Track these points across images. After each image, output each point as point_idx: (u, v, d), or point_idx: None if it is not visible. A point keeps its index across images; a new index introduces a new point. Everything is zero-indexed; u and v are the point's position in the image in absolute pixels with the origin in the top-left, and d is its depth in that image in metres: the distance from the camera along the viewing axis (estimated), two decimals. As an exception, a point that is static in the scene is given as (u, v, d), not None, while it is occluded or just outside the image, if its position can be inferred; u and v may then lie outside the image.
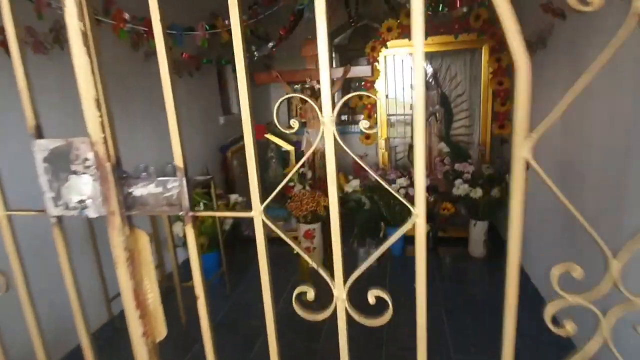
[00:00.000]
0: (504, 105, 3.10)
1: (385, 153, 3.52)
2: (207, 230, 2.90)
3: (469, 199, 3.00)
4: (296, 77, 3.41)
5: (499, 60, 3.00)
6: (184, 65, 3.18)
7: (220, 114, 3.94)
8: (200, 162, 3.51)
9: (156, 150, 2.92)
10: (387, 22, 3.13)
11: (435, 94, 3.58)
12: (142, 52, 2.73)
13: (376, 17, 4.61)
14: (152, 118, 2.89)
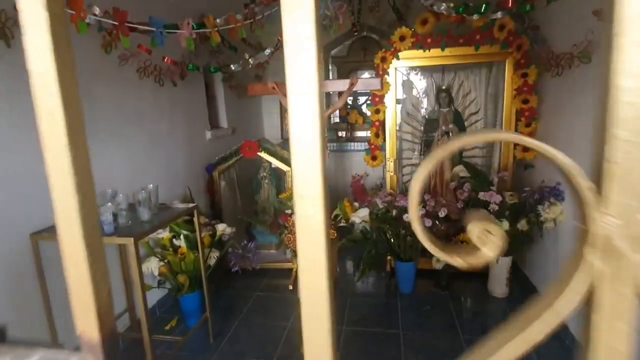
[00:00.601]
0: (529, 126, 2.76)
1: (394, 176, 3.13)
2: (188, 267, 2.43)
3: (492, 231, 2.62)
4: (295, 89, 3.01)
5: (524, 76, 2.68)
6: (166, 72, 2.75)
7: (208, 128, 3.50)
8: (181, 184, 3.05)
9: (126, 172, 2.46)
10: (400, 30, 2.78)
11: (448, 111, 3.23)
12: (116, 55, 2.30)
13: (377, 28, 4.30)
14: (123, 135, 2.43)
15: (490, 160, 3.08)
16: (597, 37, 1.94)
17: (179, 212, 2.17)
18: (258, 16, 2.24)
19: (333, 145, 4.65)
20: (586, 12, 1.95)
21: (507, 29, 2.61)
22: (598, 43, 1.95)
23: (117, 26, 1.63)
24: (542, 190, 2.46)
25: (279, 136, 4.96)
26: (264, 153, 3.12)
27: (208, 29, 2.00)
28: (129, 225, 1.94)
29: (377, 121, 3.04)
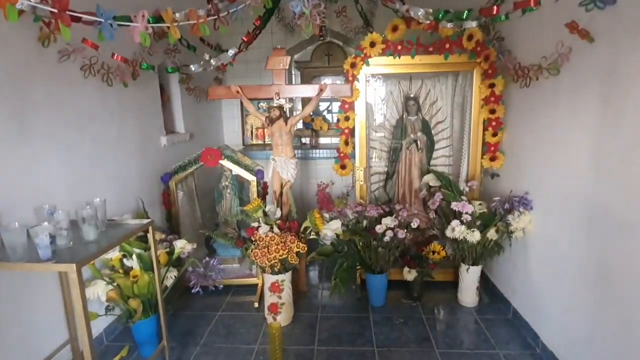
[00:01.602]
0: (496, 136, 2.79)
1: (363, 185, 3.04)
2: (141, 290, 2.16)
3: (463, 241, 2.60)
4: (261, 94, 2.84)
5: (492, 86, 2.70)
6: (116, 71, 2.46)
7: (163, 134, 3.21)
8: (133, 195, 2.74)
9: (68, 184, 2.15)
10: (371, 36, 2.70)
11: (416, 119, 3.21)
12: (55, 49, 2.00)
13: (342, 34, 4.24)
14: (63, 141, 2.12)
15: (459, 170, 3.08)
16: (566, 50, 1.97)
17: (132, 230, 1.91)
18: (222, 13, 2.04)
19: (297, 152, 4.50)
20: (556, 24, 1.97)
21: (476, 39, 2.62)
22: (567, 56, 1.97)
23: (57, 14, 1.38)
24: (511, 199, 2.47)
25: (240, 142, 4.73)
26: (226, 161, 2.90)
27: (166, 23, 1.78)
28: (70, 248, 1.66)
29: (346, 129, 2.93)
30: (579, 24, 1.81)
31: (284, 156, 2.80)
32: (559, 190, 2.14)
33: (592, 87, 1.82)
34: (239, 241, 2.58)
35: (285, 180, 2.86)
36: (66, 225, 1.70)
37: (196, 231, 3.27)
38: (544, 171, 2.29)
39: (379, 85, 3.26)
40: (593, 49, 1.80)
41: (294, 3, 1.41)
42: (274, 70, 2.75)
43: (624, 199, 1.65)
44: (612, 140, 1.71)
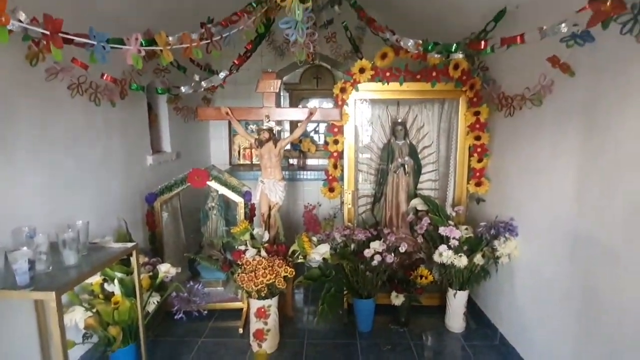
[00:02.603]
0: (481, 162, 2.86)
1: (351, 209, 3.04)
2: (122, 317, 2.07)
3: (451, 266, 2.61)
4: (251, 116, 2.85)
5: (477, 114, 2.78)
6: (104, 90, 2.43)
7: (149, 153, 3.16)
8: (115, 216, 2.67)
9: (49, 205, 2.07)
10: (361, 63, 2.77)
11: (404, 143, 3.26)
12: (43, 67, 1.97)
13: (331, 59, 4.32)
14: (47, 161, 2.06)
15: (445, 195, 3.12)
16: (549, 82, 2.05)
17: (115, 254, 1.85)
18: (215, 37, 2.06)
19: (285, 173, 4.49)
20: (538, 57, 2.05)
21: (461, 69, 2.71)
22: (550, 88, 2.05)
23: (49, 36, 1.36)
24: (497, 225, 2.51)
25: (227, 162, 4.69)
26: (213, 182, 2.87)
27: (159, 46, 1.78)
28: (49, 273, 1.59)
29: (335, 152, 2.95)
30: (560, 58, 1.89)
31: (272, 178, 2.79)
32: (544, 217, 2.19)
33: (574, 119, 1.90)
34: (225, 265, 2.53)
35: (274, 202, 2.84)
36: (46, 249, 1.63)
37: (180, 253, 3.19)
38: (528, 198, 2.35)
39: (367, 108, 3.31)
40: (574, 83, 1.89)
41: (289, 31, 1.43)
42: (264, 93, 2.77)
43: (606, 227, 1.69)
44: (594, 170, 1.76)
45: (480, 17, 2.58)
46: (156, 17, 2.83)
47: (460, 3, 2.70)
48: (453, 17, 2.90)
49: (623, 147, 1.59)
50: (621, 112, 1.60)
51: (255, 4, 2.28)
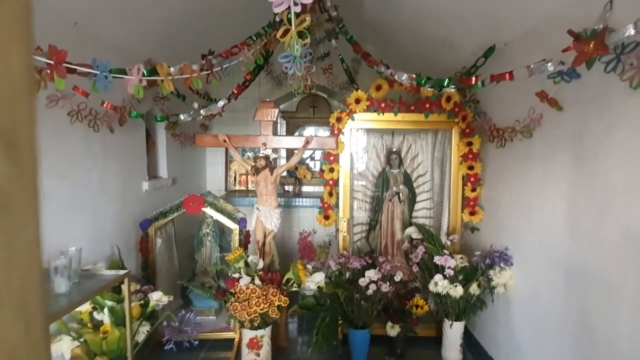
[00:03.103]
0: (474, 191, 2.89)
1: (346, 236, 3.03)
2: (110, 347, 2.01)
3: (446, 296, 2.59)
4: (248, 143, 2.89)
5: (470, 144, 2.84)
6: (103, 117, 2.46)
7: (145, 179, 3.16)
8: (109, 242, 2.64)
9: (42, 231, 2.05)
10: (356, 94, 2.85)
11: (399, 172, 3.30)
12: (44, 94, 2.00)
13: (328, 89, 4.43)
14: (42, 187, 2.06)
15: (440, 223, 3.14)
16: (537, 116, 2.12)
17: (107, 281, 1.82)
18: (216, 68, 2.13)
19: (280, 200, 4.51)
20: (527, 91, 2.13)
21: (453, 101, 2.79)
22: (539, 121, 2.12)
23: (53, 66, 1.40)
24: (492, 254, 2.51)
25: (223, 188, 4.70)
26: (209, 209, 2.87)
27: (160, 76, 1.83)
28: (38, 301, 1.56)
29: (331, 180, 2.98)
30: (548, 93, 1.96)
31: (268, 206, 2.80)
32: (538, 247, 2.20)
33: (564, 151, 1.95)
34: (219, 294, 2.49)
35: (269, 229, 2.83)
36: (36, 276, 1.60)
37: (173, 280, 3.13)
38: (522, 227, 2.37)
39: (362, 136, 3.37)
40: (563, 116, 1.95)
41: (288, 65, 1.49)
42: (262, 121, 2.82)
43: (599, 258, 1.71)
44: (585, 201, 1.80)
45: (471, 53, 2.69)
46: (158, 46, 2.92)
47: (452, 39, 2.82)
48: (445, 52, 3.02)
49: (611, 179, 1.63)
50: (608, 146, 1.65)
51: (255, 37, 2.36)
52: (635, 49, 1.41)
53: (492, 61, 2.57)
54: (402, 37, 3.35)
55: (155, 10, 2.54)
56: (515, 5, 2.12)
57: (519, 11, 2.14)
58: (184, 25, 2.89)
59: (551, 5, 1.93)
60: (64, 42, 1.80)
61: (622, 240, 1.58)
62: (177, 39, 3.01)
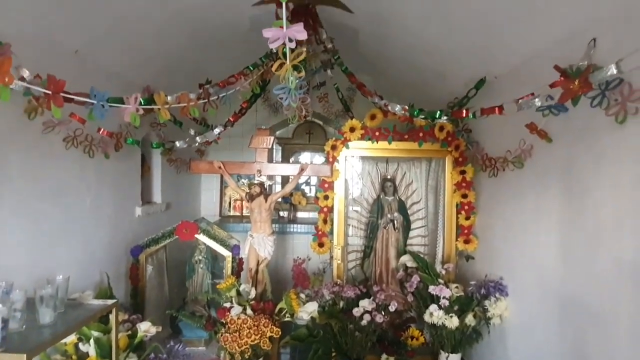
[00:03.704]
0: (469, 219, 2.90)
1: (341, 264, 3.01)
2: (94, 381, 1.94)
3: (442, 327, 2.54)
4: (243, 170, 2.91)
5: (463, 173, 2.87)
6: (99, 143, 2.47)
7: (138, 204, 3.14)
8: (98, 268, 2.59)
9: (30, 258, 2.01)
10: (351, 122, 2.89)
11: (393, 199, 3.31)
12: (40, 120, 2.02)
13: (323, 116, 4.49)
14: (33, 212, 2.04)
15: (434, 251, 3.13)
16: (528, 147, 2.16)
17: (94, 312, 1.78)
18: (213, 97, 2.16)
19: (275, 226, 4.47)
20: (517, 122, 2.17)
21: (446, 130, 2.84)
22: (530, 152, 2.16)
23: (51, 95, 1.42)
24: (487, 284, 2.49)
25: (217, 213, 4.68)
26: (202, 235, 2.84)
27: (157, 105, 1.86)
28: (22, 333, 1.51)
29: (325, 207, 2.98)
30: (537, 125, 2.01)
31: (262, 233, 2.78)
32: (532, 277, 2.19)
33: (554, 182, 1.97)
34: (209, 324, 2.43)
35: (262, 257, 2.80)
36: (21, 305, 1.56)
37: (162, 308, 3.06)
38: (516, 257, 2.36)
39: (357, 162, 3.39)
40: (552, 147, 1.99)
41: (282, 96, 1.52)
42: (258, 148, 2.85)
43: (592, 289, 1.70)
44: (576, 232, 1.81)
45: (463, 84, 2.76)
46: (156, 73, 2.97)
47: (444, 71, 2.90)
48: (438, 82, 3.10)
49: (602, 211, 1.65)
50: (597, 178, 1.68)
51: (252, 67, 2.42)
52: (619, 85, 1.45)
53: (483, 92, 2.63)
54: (396, 68, 3.44)
55: (155, 39, 2.60)
56: (503, 42, 2.20)
57: (506, 47, 2.22)
58: (183, 54, 2.96)
59: (538, 42, 2.01)
60: (64, 70, 1.83)
61: (615, 272, 1.58)
62: (175, 66, 3.07)
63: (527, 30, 2.00)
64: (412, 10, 2.36)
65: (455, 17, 2.21)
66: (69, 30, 2.10)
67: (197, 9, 2.41)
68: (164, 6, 2.26)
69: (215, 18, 2.60)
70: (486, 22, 2.10)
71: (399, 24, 2.58)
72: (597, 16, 1.61)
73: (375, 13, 2.55)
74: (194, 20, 2.53)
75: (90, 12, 2.07)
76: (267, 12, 2.40)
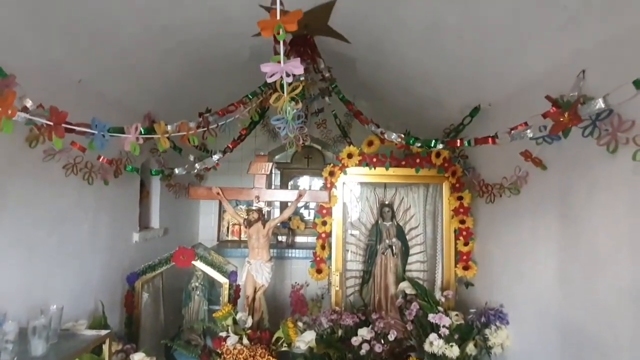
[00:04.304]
0: (467, 245, 2.89)
1: (339, 291, 2.97)
2: (85, 415, 1.88)
3: (442, 357, 2.49)
4: (241, 196, 2.91)
5: (460, 199, 2.88)
6: (98, 170, 2.49)
7: (136, 230, 3.13)
8: (93, 296, 2.55)
9: (24, 287, 1.99)
10: (349, 149, 2.93)
11: (391, 225, 3.30)
12: (40, 148, 2.04)
13: (322, 141, 4.54)
14: (29, 240, 2.03)
15: (434, 277, 3.10)
16: (524, 174, 2.18)
17: (87, 342, 1.75)
18: (212, 125, 2.20)
19: (273, 251, 4.44)
20: (513, 150, 2.20)
21: (443, 157, 2.87)
22: (525, 179, 2.18)
23: (52, 127, 1.45)
24: (487, 312, 2.45)
25: (215, 238, 4.65)
26: (199, 262, 2.82)
27: (157, 134, 1.88)
28: (13, 366, 1.48)
29: (323, 233, 2.97)
30: (532, 152, 2.04)
31: (259, 259, 2.76)
32: (532, 305, 2.16)
33: (550, 209, 1.98)
34: (204, 354, 2.38)
35: (260, 284, 2.77)
36: (13, 336, 1.54)
37: (157, 336, 2.99)
38: (515, 284, 2.34)
39: (355, 188, 3.40)
40: (547, 175, 2.01)
41: (280, 126, 1.55)
42: (256, 174, 2.86)
43: (591, 316, 1.68)
44: (573, 260, 1.80)
45: (458, 111, 2.82)
46: (157, 100, 3.03)
47: (439, 98, 2.96)
48: (433, 109, 3.16)
49: (598, 238, 1.65)
50: (591, 206, 1.69)
51: (252, 95, 2.47)
52: (609, 116, 1.49)
53: (478, 119, 2.68)
54: (393, 94, 3.51)
55: (157, 69, 2.66)
56: (495, 72, 2.26)
57: (498, 77, 2.28)
58: (184, 82, 3.02)
59: (529, 73, 2.07)
60: (67, 98, 1.88)
61: (612, 298, 1.57)
62: (176, 94, 3.13)
63: (518, 61, 2.06)
64: (406, 41, 2.44)
65: (447, 47, 2.28)
66: (73, 62, 2.16)
67: (199, 40, 2.48)
68: (168, 38, 2.33)
69: (217, 48, 2.68)
70: (477, 53, 2.17)
71: (394, 53, 2.65)
72: (585, 48, 1.67)
73: (371, 43, 2.63)
74: (197, 50, 2.60)
75: (95, 44, 2.13)
76: (267, 42, 2.46)
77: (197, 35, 2.41)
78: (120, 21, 2.05)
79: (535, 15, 1.72)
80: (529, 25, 1.79)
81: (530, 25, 1.78)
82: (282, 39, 1.07)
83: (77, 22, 1.92)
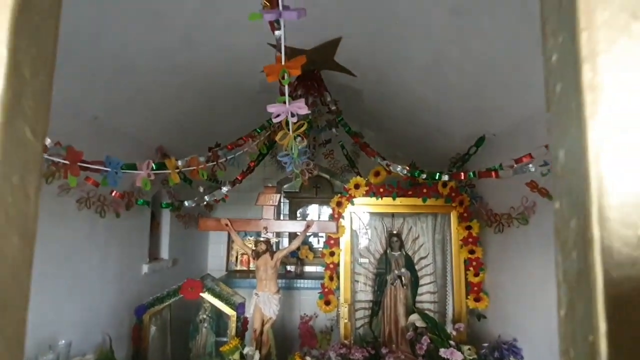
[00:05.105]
0: (477, 276, 2.84)
1: (348, 323, 2.92)
2: None
3: (455, 394, 2.40)
4: (249, 227, 2.94)
5: (468, 228, 2.86)
6: (111, 203, 2.55)
7: (145, 262, 3.16)
8: (100, 329, 2.55)
9: (33, 323, 2.00)
10: (356, 179, 2.96)
11: (400, 255, 3.27)
12: (56, 184, 2.11)
13: (330, 170, 4.59)
14: (39, 276, 2.05)
15: (444, 308, 3.03)
16: (531, 204, 2.17)
17: (93, 379, 1.74)
18: (221, 159, 2.26)
19: (282, 281, 4.41)
20: (519, 180, 2.20)
21: (450, 186, 2.88)
22: (533, 209, 2.17)
23: (68, 166, 1.51)
24: (500, 346, 2.38)
25: (224, 267, 4.64)
26: (207, 294, 2.82)
27: (168, 169, 1.94)
28: (19, 404, 1.48)
29: (331, 264, 2.96)
30: (538, 183, 2.04)
31: (267, 291, 2.75)
32: (546, 339, 2.09)
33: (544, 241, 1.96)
34: (211, 390, 2.33)
35: (267, 316, 2.74)
36: (21, 374, 1.54)
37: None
38: (529, 317, 2.28)
39: (363, 217, 3.40)
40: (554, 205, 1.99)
41: (287, 162, 1.59)
42: (264, 205, 2.90)
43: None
44: (588, 294, 1.76)
45: (463, 140, 2.85)
46: (169, 134, 3.13)
47: (444, 128, 3.01)
48: (439, 139, 3.19)
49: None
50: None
51: (260, 129, 2.54)
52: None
53: (484, 148, 2.70)
54: (399, 124, 3.57)
55: (170, 104, 2.77)
56: (496, 104, 2.30)
57: (500, 109, 2.32)
58: (196, 116, 3.13)
59: (530, 106, 2.10)
60: (82, 134, 1.95)
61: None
62: (188, 127, 3.24)
63: (519, 95, 2.10)
64: (410, 74, 2.51)
65: (449, 80, 2.34)
66: (90, 99, 2.27)
67: (210, 76, 2.59)
68: (181, 75, 2.44)
69: (228, 82, 2.79)
70: (478, 85, 2.22)
71: (399, 85, 2.72)
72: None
73: (376, 76, 2.71)
74: (208, 85, 2.71)
75: (111, 82, 2.24)
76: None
77: (208, 71, 2.52)
78: (135, 60, 2.16)
79: (533, 50, 1.77)
80: (527, 60, 1.83)
81: (529, 60, 1.83)
82: (286, 83, 1.12)
83: (93, 62, 2.03)
